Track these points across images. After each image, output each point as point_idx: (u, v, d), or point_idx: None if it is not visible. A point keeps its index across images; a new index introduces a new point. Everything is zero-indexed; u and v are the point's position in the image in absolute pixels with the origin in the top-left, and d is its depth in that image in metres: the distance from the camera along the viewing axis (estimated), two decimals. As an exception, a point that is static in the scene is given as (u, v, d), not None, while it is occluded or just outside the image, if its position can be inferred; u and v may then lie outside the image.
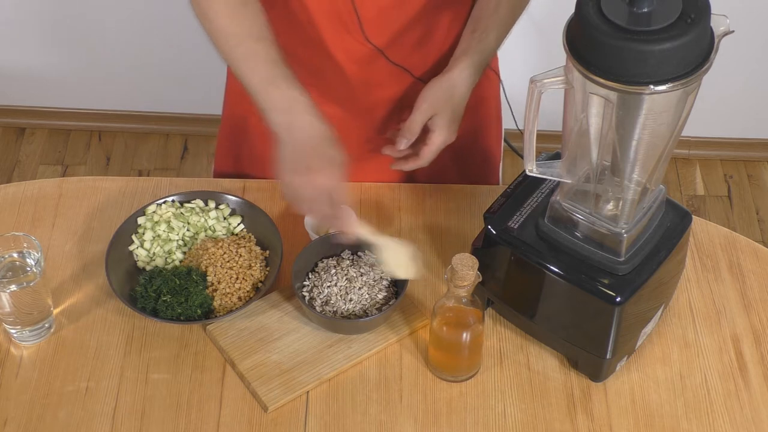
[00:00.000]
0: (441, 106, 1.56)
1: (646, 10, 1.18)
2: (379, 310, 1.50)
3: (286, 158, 1.46)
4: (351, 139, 1.73)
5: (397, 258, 1.50)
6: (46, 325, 1.52)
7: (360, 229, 1.49)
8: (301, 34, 1.62)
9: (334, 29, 1.59)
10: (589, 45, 1.20)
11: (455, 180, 1.79)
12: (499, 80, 1.83)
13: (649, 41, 1.16)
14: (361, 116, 1.71)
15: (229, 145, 1.86)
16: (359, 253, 1.57)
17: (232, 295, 1.53)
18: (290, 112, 1.46)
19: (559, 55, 1.25)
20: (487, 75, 1.78)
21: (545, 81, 1.28)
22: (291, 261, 1.54)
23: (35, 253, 1.48)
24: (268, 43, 1.49)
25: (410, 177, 1.74)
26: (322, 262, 1.56)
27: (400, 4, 1.57)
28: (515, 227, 1.44)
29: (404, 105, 1.61)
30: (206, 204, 1.65)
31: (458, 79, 1.57)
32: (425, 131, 1.58)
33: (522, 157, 1.53)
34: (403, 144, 1.57)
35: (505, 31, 1.61)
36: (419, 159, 1.58)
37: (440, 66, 1.62)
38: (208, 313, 1.52)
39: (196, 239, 1.61)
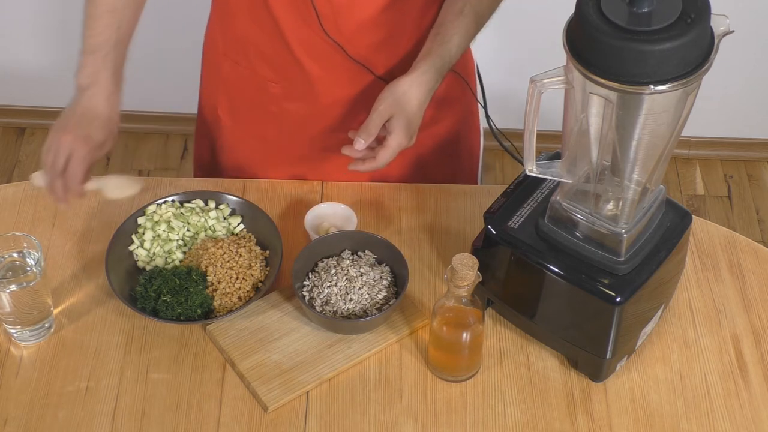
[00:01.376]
0: (398, 108, 1.55)
1: (646, 10, 1.18)
2: (379, 310, 1.50)
3: (61, 117, 1.57)
4: (314, 136, 1.74)
5: (118, 184, 1.60)
6: (46, 325, 1.52)
7: (89, 185, 1.57)
8: (263, 26, 1.64)
9: (293, 22, 1.60)
10: (589, 45, 1.20)
11: (431, 180, 1.79)
12: (477, 80, 1.83)
13: (649, 41, 1.16)
14: (323, 113, 1.72)
15: (205, 143, 1.87)
16: (359, 253, 1.57)
17: (232, 295, 1.53)
18: (90, 83, 1.59)
19: (547, 52, 1.25)
20: (466, 69, 1.78)
21: (545, 81, 1.28)
22: (291, 261, 1.54)
23: (35, 253, 1.48)
24: (122, 22, 1.61)
25: (383, 175, 1.73)
26: (322, 262, 1.56)
27: (355, 3, 1.57)
28: (515, 227, 1.44)
29: (366, 104, 1.61)
30: (206, 204, 1.65)
31: (416, 82, 1.56)
32: (384, 133, 1.57)
33: (517, 159, 1.53)
34: (359, 144, 1.55)
35: (468, 37, 1.61)
36: (375, 161, 1.56)
37: (404, 67, 1.61)
38: (208, 313, 1.52)
39: (196, 239, 1.61)
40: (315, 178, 1.75)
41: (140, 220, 1.61)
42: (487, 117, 1.76)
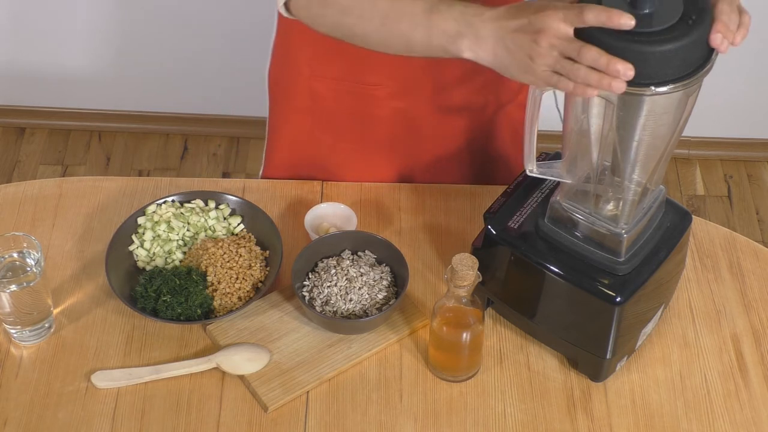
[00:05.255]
0: None
1: (647, 11, 1.18)
2: (379, 310, 1.50)
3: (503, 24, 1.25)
4: (424, 130, 1.71)
5: (246, 356, 1.48)
6: (46, 325, 1.52)
7: None
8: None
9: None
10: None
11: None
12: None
13: (651, 42, 1.16)
14: (431, 107, 1.68)
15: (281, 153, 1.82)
16: (359, 253, 1.57)
17: (232, 295, 1.53)
18: (463, 24, 1.28)
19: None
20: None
21: (546, 81, 1.28)
22: (291, 261, 1.54)
23: (35, 253, 1.48)
24: None
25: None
26: (322, 262, 1.56)
27: None
28: (515, 227, 1.44)
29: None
30: (206, 204, 1.65)
31: None
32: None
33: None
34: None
35: None
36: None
37: None
38: (208, 313, 1.52)
39: (196, 239, 1.61)
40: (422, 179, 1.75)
41: (140, 220, 1.61)
42: None
